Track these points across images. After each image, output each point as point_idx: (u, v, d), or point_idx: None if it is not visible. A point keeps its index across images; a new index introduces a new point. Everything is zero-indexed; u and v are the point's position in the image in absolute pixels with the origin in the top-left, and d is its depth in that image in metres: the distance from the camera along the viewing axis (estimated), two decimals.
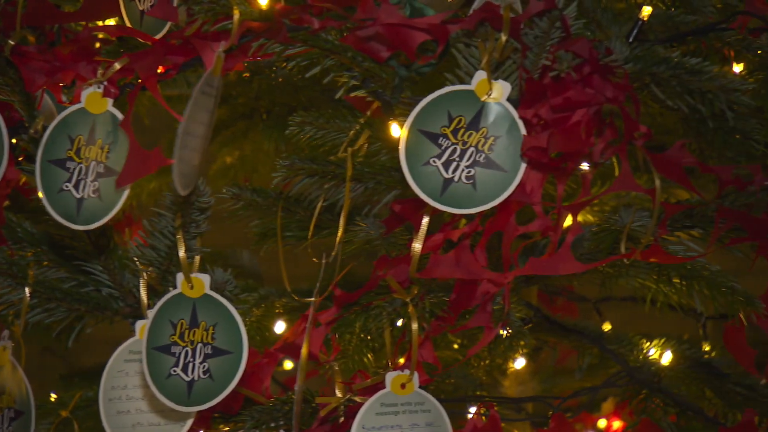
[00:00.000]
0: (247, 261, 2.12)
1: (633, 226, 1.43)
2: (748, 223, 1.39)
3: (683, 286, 1.48)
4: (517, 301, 1.66)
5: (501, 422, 1.55)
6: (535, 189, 1.36)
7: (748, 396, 1.64)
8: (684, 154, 1.36)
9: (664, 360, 1.69)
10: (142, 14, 1.39)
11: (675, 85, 1.37)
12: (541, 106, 1.32)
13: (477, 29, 1.32)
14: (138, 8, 1.38)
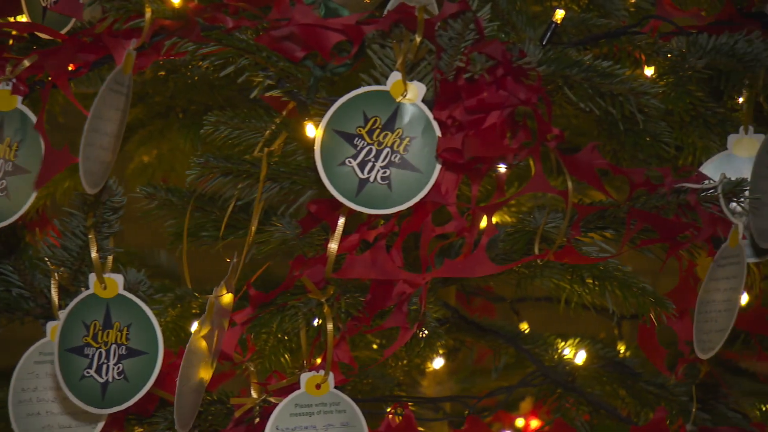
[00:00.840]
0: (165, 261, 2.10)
1: (546, 227, 1.44)
2: (658, 224, 1.41)
3: (596, 287, 1.50)
4: (434, 301, 1.67)
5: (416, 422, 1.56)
6: (450, 190, 1.37)
7: (660, 395, 1.66)
8: (596, 156, 1.38)
9: (578, 359, 1.72)
10: (44, 10, 1.37)
11: (587, 87, 1.39)
12: (455, 108, 1.33)
13: (392, 30, 1.33)
14: (41, 4, 1.36)
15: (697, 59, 1.46)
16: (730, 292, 1.38)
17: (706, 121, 1.54)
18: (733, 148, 1.47)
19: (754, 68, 1.42)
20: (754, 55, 1.42)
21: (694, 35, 1.46)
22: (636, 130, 1.48)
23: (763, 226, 1.40)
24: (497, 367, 1.87)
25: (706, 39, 1.45)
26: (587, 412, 1.68)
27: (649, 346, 1.63)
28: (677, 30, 1.49)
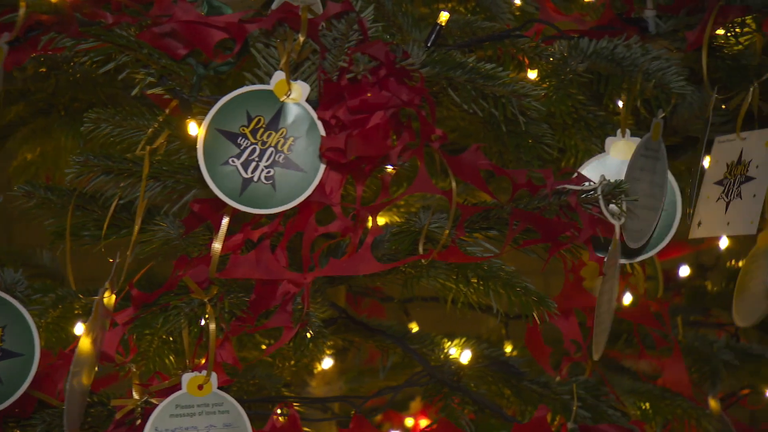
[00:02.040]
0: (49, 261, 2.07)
1: (431, 227, 1.45)
2: (540, 225, 1.43)
3: (480, 286, 1.51)
4: (322, 301, 1.67)
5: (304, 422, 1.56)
6: (335, 190, 1.38)
7: (543, 393, 1.69)
8: (479, 157, 1.40)
9: (463, 359, 1.73)
10: None
11: (470, 89, 1.41)
12: (339, 108, 1.33)
13: (275, 29, 1.32)
14: None
15: (578, 63, 1.49)
16: (611, 291, 1.41)
17: (587, 124, 1.57)
18: (611, 150, 1.50)
19: (632, 72, 1.45)
20: (632, 59, 1.45)
21: (575, 39, 1.49)
22: (518, 132, 1.49)
23: (634, 228, 1.44)
24: (384, 367, 1.88)
25: (587, 43, 1.48)
26: (472, 411, 1.70)
27: (535, 346, 1.65)
28: (559, 34, 1.51)
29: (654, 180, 1.47)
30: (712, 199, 1.62)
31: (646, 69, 1.43)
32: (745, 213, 1.59)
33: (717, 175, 1.61)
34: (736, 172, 1.61)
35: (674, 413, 1.80)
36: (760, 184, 1.53)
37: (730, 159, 1.61)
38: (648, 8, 1.53)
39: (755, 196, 1.55)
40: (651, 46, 1.47)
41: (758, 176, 1.52)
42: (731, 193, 1.63)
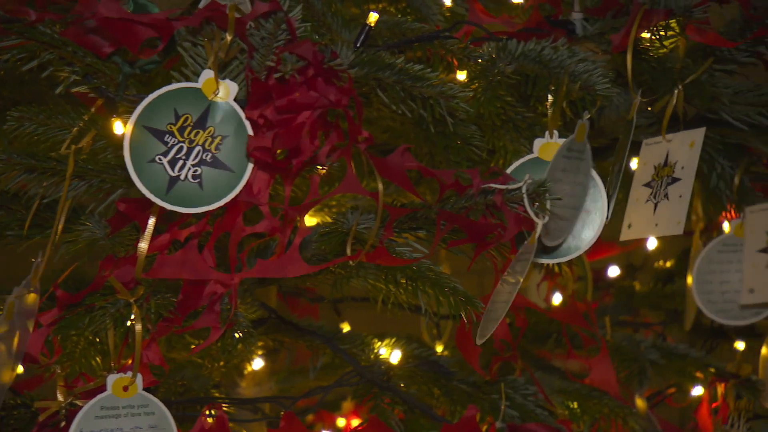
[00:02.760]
0: None
1: (360, 228, 1.45)
2: (466, 225, 1.44)
3: (409, 286, 1.52)
4: (251, 302, 1.66)
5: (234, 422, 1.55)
6: (263, 189, 1.37)
7: (472, 393, 1.70)
8: (407, 159, 1.40)
9: (393, 359, 1.73)
10: None
11: (399, 90, 1.41)
12: (266, 107, 1.33)
13: (203, 28, 1.32)
14: None
15: (507, 64, 1.50)
16: (514, 285, 1.42)
17: (516, 125, 1.58)
18: (539, 151, 1.51)
19: (559, 74, 1.46)
20: (558, 61, 1.46)
21: (503, 41, 1.50)
22: (447, 133, 1.50)
23: (553, 227, 1.45)
24: (314, 367, 1.88)
25: (515, 45, 1.49)
26: (402, 411, 1.70)
27: (465, 345, 1.66)
28: (488, 36, 1.52)
29: (576, 180, 1.49)
30: (641, 201, 1.64)
31: (573, 71, 1.45)
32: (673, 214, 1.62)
33: (645, 177, 1.63)
34: (662, 173, 1.64)
35: (601, 412, 1.82)
36: (686, 185, 1.56)
37: (657, 161, 1.63)
38: (575, 11, 1.54)
39: (681, 196, 1.57)
40: (577, 49, 1.48)
41: (684, 177, 1.55)
42: (659, 194, 1.65)
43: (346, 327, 2.06)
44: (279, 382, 2.01)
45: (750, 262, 1.71)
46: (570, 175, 1.50)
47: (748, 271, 1.71)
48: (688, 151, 1.55)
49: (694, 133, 1.52)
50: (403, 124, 1.73)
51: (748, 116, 1.65)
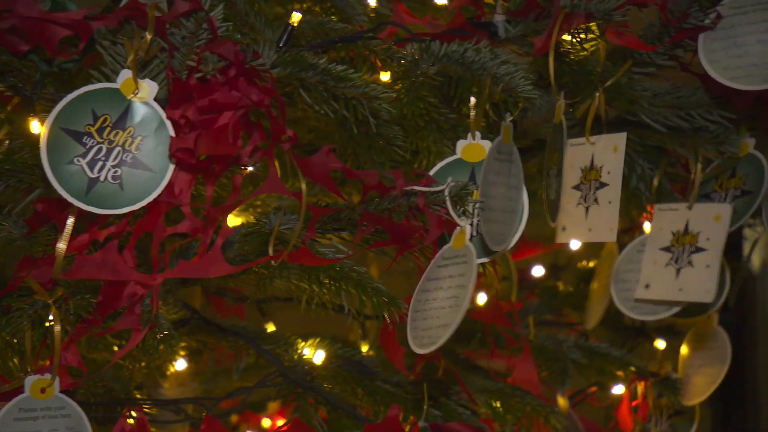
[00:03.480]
0: None
1: (282, 228, 1.45)
2: (389, 226, 1.44)
3: (332, 287, 1.52)
4: (174, 302, 1.65)
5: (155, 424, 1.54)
6: (184, 190, 1.36)
7: (395, 393, 1.70)
8: (331, 159, 1.40)
9: (317, 359, 1.73)
10: None
11: (322, 90, 1.41)
12: (188, 107, 1.32)
13: (122, 27, 1.30)
14: None
15: (430, 66, 1.50)
16: (457, 289, 1.42)
17: (439, 126, 1.58)
18: (462, 153, 1.52)
19: (481, 76, 1.46)
20: (481, 63, 1.47)
21: (427, 42, 1.50)
22: (370, 133, 1.50)
23: (493, 231, 1.46)
24: (238, 368, 1.87)
25: (439, 46, 1.49)
26: (326, 411, 1.70)
27: (389, 346, 1.66)
28: (411, 37, 1.52)
29: (510, 183, 1.50)
30: (572, 203, 1.66)
31: (495, 73, 1.46)
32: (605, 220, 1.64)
33: (573, 180, 1.65)
34: (590, 177, 1.65)
35: (524, 411, 1.83)
36: (614, 191, 1.58)
37: (583, 163, 1.65)
38: (497, 13, 1.55)
39: (611, 202, 1.59)
40: (500, 51, 1.49)
41: (611, 183, 1.57)
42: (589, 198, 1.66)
43: (271, 327, 2.05)
44: (202, 383, 1.99)
45: (651, 258, 1.74)
46: (503, 177, 1.51)
47: (647, 267, 1.74)
48: (612, 155, 1.57)
49: (617, 138, 1.54)
50: (328, 124, 1.73)
51: (666, 118, 1.67)
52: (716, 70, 1.54)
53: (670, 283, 1.74)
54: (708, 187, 1.81)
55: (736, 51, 1.53)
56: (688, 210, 1.74)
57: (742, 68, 1.53)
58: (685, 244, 1.74)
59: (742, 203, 1.77)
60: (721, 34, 1.53)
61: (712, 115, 1.66)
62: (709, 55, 1.54)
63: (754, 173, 1.76)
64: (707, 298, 1.74)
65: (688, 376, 2.06)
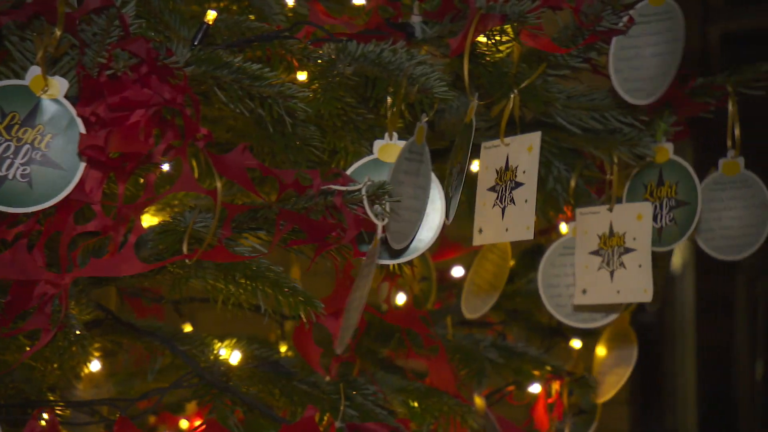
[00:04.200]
0: None
1: (198, 226, 1.44)
2: (306, 225, 1.44)
3: (249, 286, 1.51)
4: (87, 302, 1.63)
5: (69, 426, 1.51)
6: (95, 188, 1.35)
7: (312, 393, 1.70)
8: (246, 157, 1.39)
9: (233, 360, 1.72)
10: None
11: (237, 89, 1.40)
12: (99, 105, 1.30)
13: (32, 22, 1.28)
14: None
15: (346, 66, 1.50)
16: (363, 290, 1.43)
17: (356, 127, 1.58)
18: (379, 153, 1.52)
19: (398, 77, 1.47)
20: (397, 64, 1.47)
21: (343, 42, 1.50)
22: (286, 133, 1.50)
23: (397, 229, 1.46)
24: (152, 369, 1.85)
25: (355, 46, 1.49)
26: (242, 412, 1.69)
27: (304, 346, 1.66)
28: (328, 37, 1.52)
29: (418, 183, 1.51)
30: (488, 205, 1.66)
31: (411, 73, 1.46)
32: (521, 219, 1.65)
33: (489, 181, 1.65)
34: (505, 177, 1.66)
35: (441, 411, 1.84)
36: (530, 189, 1.59)
37: (498, 165, 1.66)
38: (414, 14, 1.56)
39: (527, 201, 1.60)
40: (416, 52, 1.49)
41: (527, 182, 1.58)
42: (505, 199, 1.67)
43: (188, 328, 2.04)
44: (117, 384, 1.97)
45: (582, 263, 1.75)
46: (412, 177, 1.52)
47: (581, 272, 1.76)
48: (527, 155, 1.58)
49: (531, 137, 1.55)
50: (246, 123, 1.72)
51: (581, 120, 1.69)
52: (618, 79, 1.57)
53: (606, 287, 1.75)
54: (638, 195, 1.82)
55: (637, 62, 1.55)
56: (609, 212, 1.76)
57: (637, 81, 1.56)
58: (613, 246, 1.75)
59: (682, 214, 1.77)
60: (630, 42, 1.55)
61: (626, 118, 1.69)
62: (617, 63, 1.56)
63: (683, 182, 1.77)
64: (646, 298, 1.74)
65: (602, 375, 2.09)
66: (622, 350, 2.10)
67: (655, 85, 1.57)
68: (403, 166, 1.48)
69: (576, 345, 2.13)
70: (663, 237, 1.76)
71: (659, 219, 1.76)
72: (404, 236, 1.49)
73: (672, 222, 1.75)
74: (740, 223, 1.88)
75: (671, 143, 1.75)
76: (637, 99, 1.57)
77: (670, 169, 1.76)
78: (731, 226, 1.88)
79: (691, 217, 1.73)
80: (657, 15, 1.55)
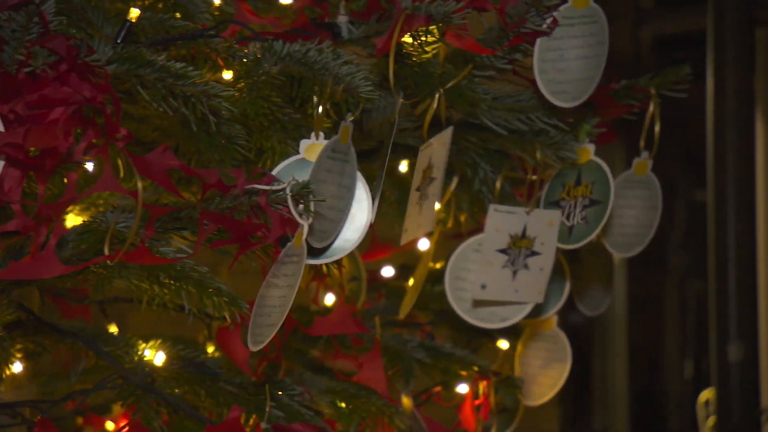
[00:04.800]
0: None
1: (120, 227, 1.43)
2: (229, 225, 1.43)
3: (173, 287, 1.50)
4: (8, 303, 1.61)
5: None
6: (14, 187, 1.33)
7: (238, 394, 1.69)
8: (168, 157, 1.38)
9: (157, 361, 1.71)
10: None
11: (160, 87, 1.39)
12: (17, 102, 1.29)
13: None
14: None
15: (272, 65, 1.50)
16: (287, 289, 1.43)
17: (283, 126, 1.58)
18: (305, 152, 1.52)
19: (324, 76, 1.47)
20: (323, 63, 1.47)
21: (269, 41, 1.50)
22: (211, 132, 1.49)
23: (319, 228, 1.46)
24: (75, 370, 1.83)
25: (281, 46, 1.49)
26: (167, 414, 1.68)
27: (230, 346, 1.65)
28: (254, 36, 1.52)
29: (342, 182, 1.51)
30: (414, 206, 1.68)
31: (336, 73, 1.46)
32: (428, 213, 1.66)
33: (417, 182, 1.67)
34: (426, 175, 1.68)
35: (368, 411, 1.84)
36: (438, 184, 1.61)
37: (424, 165, 1.67)
38: (341, 14, 1.56)
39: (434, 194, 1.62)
40: (342, 51, 1.49)
41: (437, 177, 1.59)
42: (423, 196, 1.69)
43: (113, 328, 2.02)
44: (40, 386, 1.95)
45: (487, 258, 1.76)
46: (335, 176, 1.52)
47: (484, 268, 1.77)
48: (442, 151, 1.59)
49: (444, 134, 1.57)
50: (172, 122, 1.71)
51: (507, 121, 1.70)
52: (543, 81, 1.59)
53: (506, 285, 1.77)
54: (555, 195, 1.83)
55: (562, 64, 1.57)
56: (526, 215, 1.78)
57: (562, 83, 1.58)
58: (521, 247, 1.77)
59: (593, 213, 1.79)
60: (554, 44, 1.57)
61: (551, 120, 1.70)
62: (541, 64, 1.58)
63: (600, 182, 1.79)
64: (539, 299, 1.80)
65: (531, 377, 2.10)
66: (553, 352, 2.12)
67: (579, 88, 1.59)
68: (326, 165, 1.48)
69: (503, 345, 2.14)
70: (573, 235, 1.79)
71: (572, 218, 1.78)
72: (326, 235, 1.49)
73: (583, 221, 1.77)
74: (636, 222, 1.92)
75: (593, 144, 1.77)
76: (562, 101, 1.59)
77: (589, 170, 1.78)
78: (629, 225, 1.93)
79: (602, 216, 1.76)
80: (581, 18, 1.57)
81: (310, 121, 1.57)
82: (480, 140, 1.78)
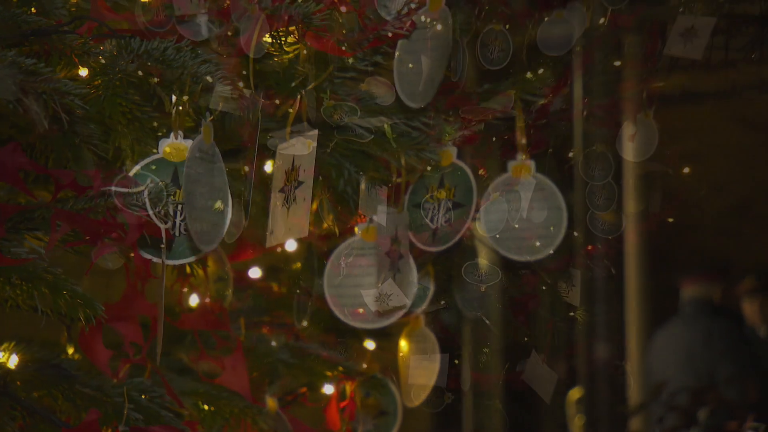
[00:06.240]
0: None
1: None
2: (84, 226, 1.41)
3: (24, 287, 1.47)
4: None
5: None
6: None
7: (96, 396, 1.65)
8: (18, 156, 1.35)
9: (11, 363, 1.66)
10: None
11: (11, 84, 1.36)
12: None
13: None
14: None
15: (129, 62, 1.47)
16: None
17: (142, 125, 1.56)
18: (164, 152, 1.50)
19: (183, 75, 1.45)
20: (181, 62, 1.45)
21: (126, 38, 1.47)
22: (65, 130, 1.46)
23: (201, 230, 1.45)
24: None
25: (138, 43, 1.47)
26: (22, 417, 1.64)
27: (91, 348, 1.62)
28: (111, 33, 1.49)
29: (214, 183, 1.49)
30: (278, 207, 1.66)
31: (195, 72, 1.45)
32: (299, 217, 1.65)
33: (279, 183, 1.66)
34: (291, 178, 1.67)
35: (231, 413, 1.83)
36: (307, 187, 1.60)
37: (287, 166, 1.66)
38: (200, 12, 1.54)
39: (305, 199, 1.61)
40: (202, 50, 1.48)
41: (306, 179, 1.59)
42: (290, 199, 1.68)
43: None
44: None
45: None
46: (206, 177, 1.50)
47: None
48: (308, 153, 1.59)
49: (309, 135, 1.56)
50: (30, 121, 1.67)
51: (370, 123, 1.71)
52: (401, 83, 1.59)
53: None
54: (420, 197, 1.84)
55: (419, 67, 1.58)
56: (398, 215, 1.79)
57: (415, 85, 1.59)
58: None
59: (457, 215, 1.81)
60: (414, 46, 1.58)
61: (413, 122, 1.71)
62: (400, 66, 1.59)
63: (462, 185, 1.80)
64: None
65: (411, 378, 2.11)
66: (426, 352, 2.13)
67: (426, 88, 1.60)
68: (196, 165, 1.46)
69: (369, 346, 2.15)
70: (438, 237, 1.80)
71: (435, 220, 1.79)
72: (211, 236, 1.48)
73: (447, 223, 1.79)
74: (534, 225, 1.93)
75: (455, 147, 1.79)
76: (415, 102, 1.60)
77: (452, 173, 1.80)
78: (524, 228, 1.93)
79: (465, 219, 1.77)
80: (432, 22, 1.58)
81: (169, 120, 1.56)
82: (344, 141, 1.78)
